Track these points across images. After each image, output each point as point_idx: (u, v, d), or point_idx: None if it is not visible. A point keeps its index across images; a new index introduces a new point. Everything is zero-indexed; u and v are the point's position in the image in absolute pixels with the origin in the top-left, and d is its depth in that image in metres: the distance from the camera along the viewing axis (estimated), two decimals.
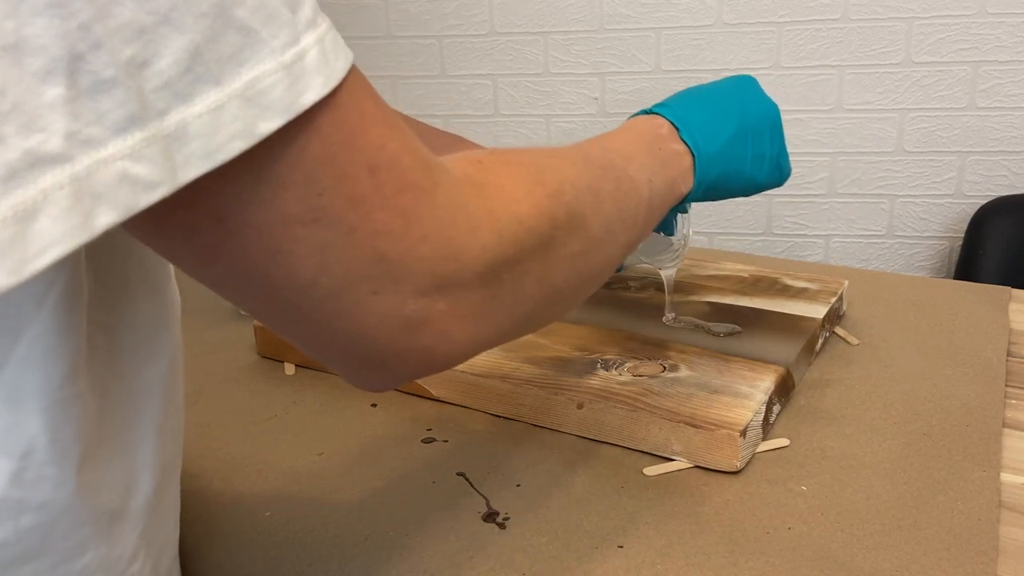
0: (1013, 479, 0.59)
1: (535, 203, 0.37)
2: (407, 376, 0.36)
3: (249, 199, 0.28)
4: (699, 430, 0.60)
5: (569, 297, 0.42)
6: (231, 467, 0.64)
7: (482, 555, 0.53)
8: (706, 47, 1.36)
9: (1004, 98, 1.29)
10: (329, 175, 0.29)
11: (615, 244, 0.45)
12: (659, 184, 0.51)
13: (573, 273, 0.41)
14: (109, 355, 0.38)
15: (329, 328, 0.33)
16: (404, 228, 0.31)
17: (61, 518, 0.36)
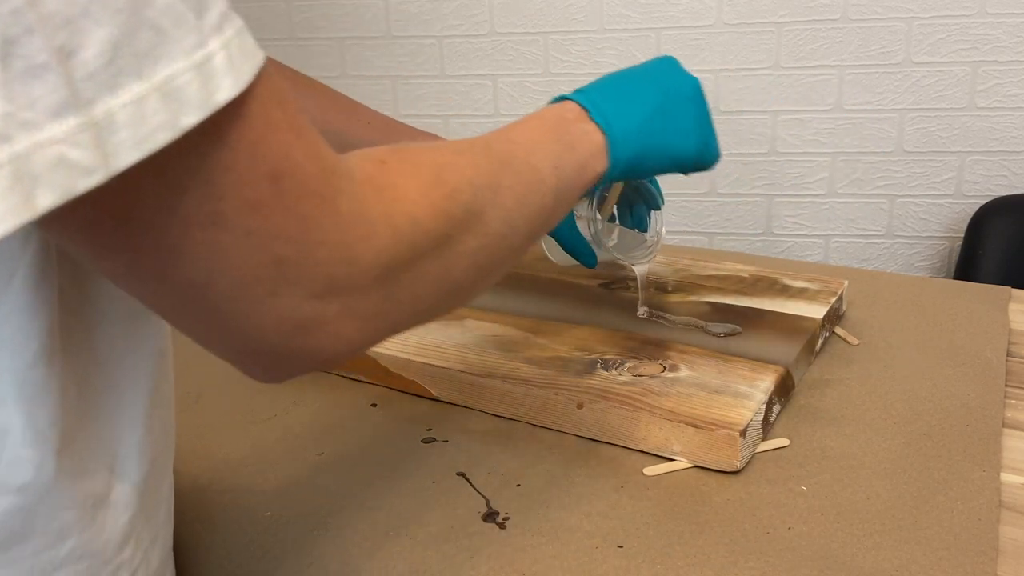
0: (1013, 479, 0.59)
1: (432, 204, 0.38)
2: (298, 372, 0.38)
3: (150, 200, 0.29)
4: (699, 430, 0.60)
5: (469, 290, 0.43)
6: (231, 467, 0.64)
7: (482, 555, 0.53)
8: (706, 47, 1.36)
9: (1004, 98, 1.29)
10: (229, 181, 0.30)
11: (517, 236, 0.45)
12: (567, 168, 0.51)
13: (472, 269, 0.42)
14: (86, 341, 0.39)
15: (224, 327, 0.34)
16: (302, 233, 0.32)
17: (43, 501, 0.36)
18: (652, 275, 0.86)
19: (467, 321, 0.78)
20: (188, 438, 0.68)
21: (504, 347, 0.72)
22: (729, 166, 1.42)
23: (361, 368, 0.74)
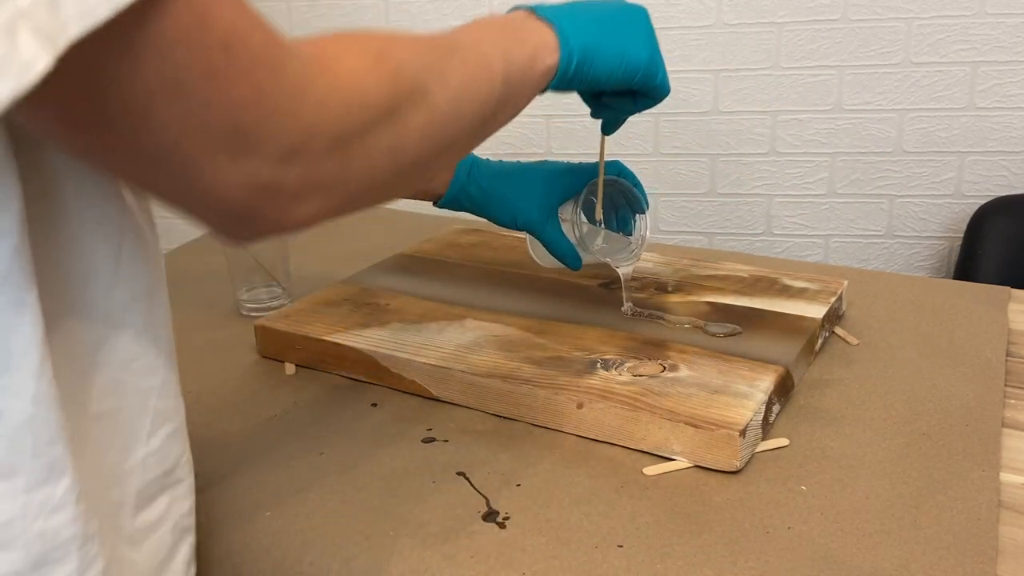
0: (1012, 479, 0.59)
1: (379, 76, 0.40)
2: (263, 234, 0.40)
3: (113, 74, 0.31)
4: (699, 430, 0.60)
5: (422, 166, 0.45)
6: (231, 467, 0.64)
7: (482, 555, 0.53)
8: (706, 47, 1.36)
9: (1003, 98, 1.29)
10: (183, 52, 0.32)
11: (465, 119, 0.47)
12: (517, 59, 0.53)
13: (423, 143, 0.43)
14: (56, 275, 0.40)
15: (191, 189, 0.36)
16: (257, 102, 0.34)
17: (25, 431, 0.36)
18: (652, 275, 0.87)
19: (467, 321, 0.78)
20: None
21: (504, 347, 0.73)
22: (729, 166, 1.42)
23: (361, 368, 0.74)
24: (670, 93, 0.67)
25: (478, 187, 0.77)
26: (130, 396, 0.44)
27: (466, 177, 0.77)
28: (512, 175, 0.78)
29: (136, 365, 0.44)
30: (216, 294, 0.95)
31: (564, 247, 0.76)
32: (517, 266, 0.91)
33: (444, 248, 0.97)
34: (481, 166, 0.78)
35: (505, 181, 0.78)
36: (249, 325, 0.83)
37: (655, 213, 1.48)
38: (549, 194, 0.76)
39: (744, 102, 1.38)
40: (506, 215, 0.77)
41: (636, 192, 0.77)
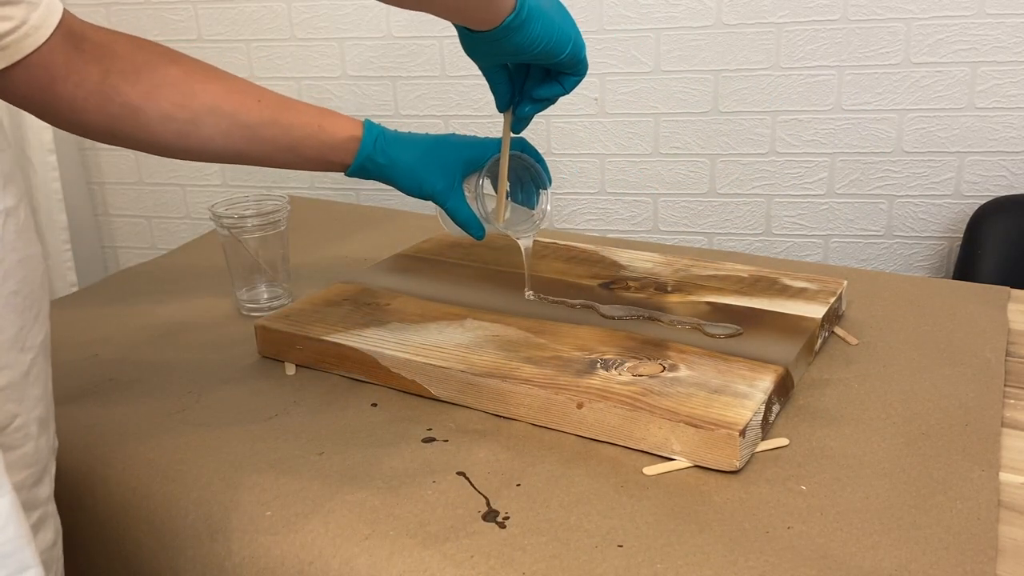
0: (1012, 479, 0.59)
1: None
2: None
3: None
4: (699, 430, 0.60)
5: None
6: (231, 467, 0.64)
7: (482, 555, 0.53)
8: (706, 47, 1.36)
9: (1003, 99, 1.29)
10: None
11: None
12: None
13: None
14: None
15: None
16: None
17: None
18: (652, 275, 0.87)
19: (467, 321, 0.78)
20: (189, 438, 0.68)
21: (504, 347, 0.73)
22: (729, 166, 1.42)
23: (361, 368, 0.75)
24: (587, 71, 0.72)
25: (385, 155, 0.79)
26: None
27: (372, 146, 0.79)
28: (419, 145, 0.81)
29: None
30: (216, 294, 0.96)
31: (467, 216, 0.79)
32: (517, 266, 0.91)
33: (444, 248, 0.97)
34: (388, 136, 0.81)
35: (411, 151, 0.80)
36: (249, 325, 0.83)
37: (655, 213, 1.48)
38: (454, 166, 0.80)
39: (744, 102, 1.38)
40: (412, 184, 0.80)
41: (539, 168, 0.81)
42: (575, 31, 0.69)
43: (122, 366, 0.81)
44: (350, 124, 0.79)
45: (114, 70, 0.69)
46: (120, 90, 0.69)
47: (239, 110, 0.74)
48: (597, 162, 1.47)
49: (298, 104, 0.78)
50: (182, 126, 0.72)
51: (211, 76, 0.74)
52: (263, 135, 0.75)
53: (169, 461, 0.65)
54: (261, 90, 0.77)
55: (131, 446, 0.67)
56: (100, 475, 0.65)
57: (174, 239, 1.71)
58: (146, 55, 0.71)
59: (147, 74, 0.71)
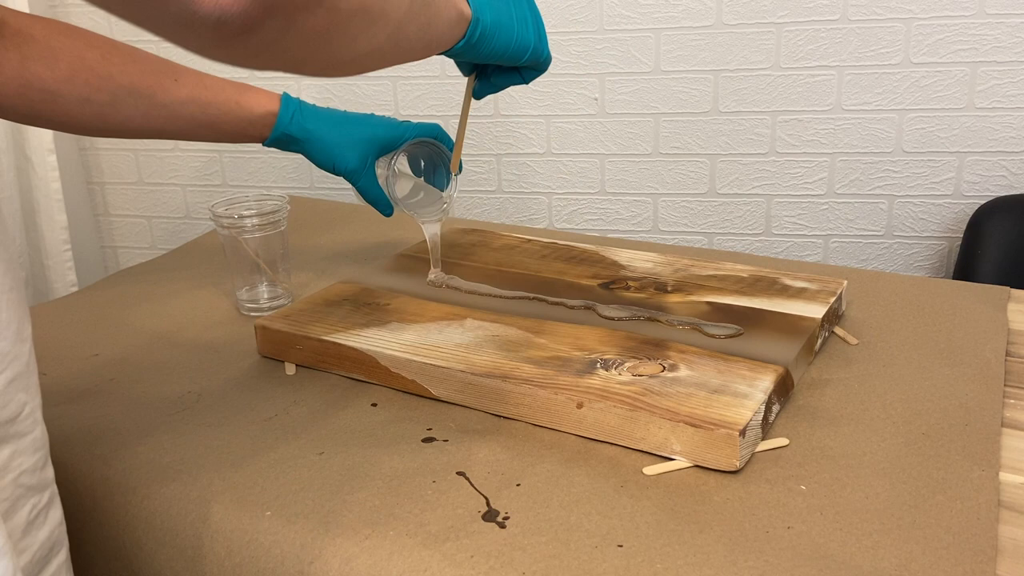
0: (1012, 479, 0.59)
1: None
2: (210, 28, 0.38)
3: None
4: (698, 430, 0.60)
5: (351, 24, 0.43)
6: (231, 467, 0.64)
7: (482, 555, 0.53)
8: (705, 48, 1.36)
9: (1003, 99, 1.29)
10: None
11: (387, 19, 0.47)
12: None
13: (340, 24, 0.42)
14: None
15: None
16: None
17: None
18: (652, 275, 0.87)
19: (467, 321, 0.78)
20: (188, 438, 0.68)
21: (504, 347, 0.73)
22: (729, 166, 1.42)
23: (361, 368, 0.75)
24: (550, 62, 0.73)
25: (300, 128, 0.81)
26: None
27: (289, 121, 0.81)
28: (336, 122, 0.84)
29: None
30: (216, 294, 0.96)
31: (376, 195, 0.84)
32: (517, 266, 0.91)
33: (444, 248, 0.97)
34: (306, 109, 0.83)
35: (328, 126, 0.83)
36: (249, 325, 0.83)
37: (655, 213, 1.48)
38: (369, 145, 0.83)
39: (744, 102, 1.38)
40: (326, 159, 0.84)
41: (449, 155, 0.85)
42: (533, 37, 0.69)
43: (122, 366, 0.81)
44: (267, 99, 0.81)
45: (32, 55, 0.70)
46: (38, 75, 0.70)
47: (156, 91, 0.75)
48: (597, 162, 1.47)
49: (216, 82, 0.80)
50: (100, 108, 0.73)
51: (128, 58, 0.75)
52: (181, 113, 0.77)
53: (169, 461, 0.65)
54: (178, 69, 0.78)
55: (131, 446, 0.67)
56: (100, 475, 0.65)
57: (174, 239, 1.71)
58: (63, 40, 0.72)
59: (64, 59, 0.71)
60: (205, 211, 0.88)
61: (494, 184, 1.50)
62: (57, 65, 0.70)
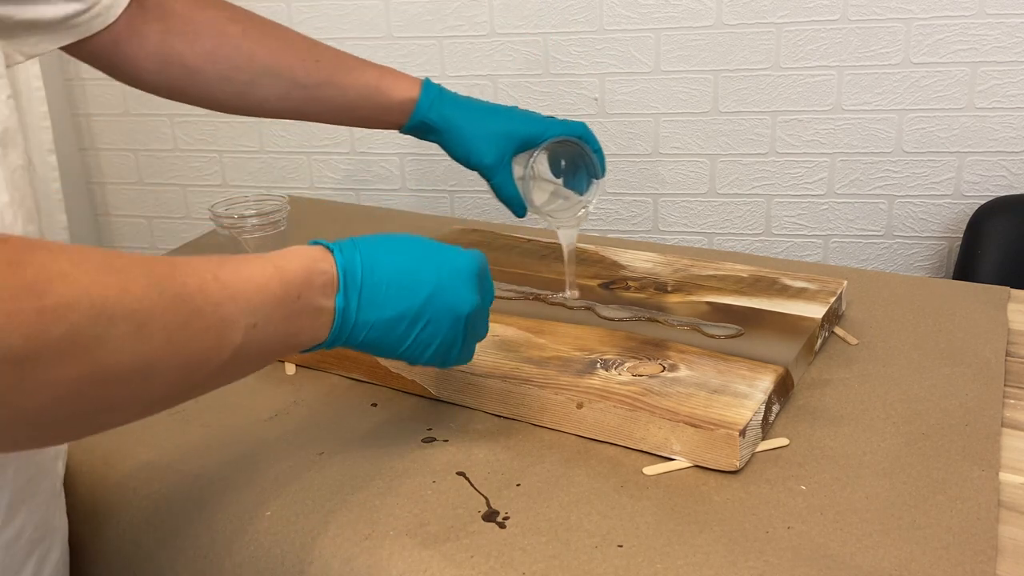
0: (1012, 479, 0.59)
1: (16, 313, 0.33)
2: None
3: None
4: (698, 430, 0.60)
5: (60, 424, 0.38)
6: (231, 467, 0.64)
7: (482, 555, 0.53)
8: (705, 48, 1.36)
9: (1003, 99, 1.29)
10: None
11: (156, 382, 0.40)
12: (269, 332, 0.46)
13: (69, 401, 0.36)
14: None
15: None
16: None
17: None
18: (652, 275, 0.86)
19: None
20: (189, 438, 0.68)
21: (504, 347, 0.73)
22: (729, 166, 1.42)
23: (361, 368, 0.74)
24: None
25: (440, 116, 0.77)
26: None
27: (429, 106, 0.77)
28: (477, 112, 0.78)
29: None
30: None
31: (509, 195, 0.78)
32: (517, 266, 0.91)
33: None
34: (447, 96, 0.79)
35: (468, 116, 0.78)
36: None
37: (655, 213, 1.48)
38: (508, 140, 0.77)
39: (744, 102, 1.38)
40: (461, 151, 0.78)
41: (595, 158, 0.80)
42: (433, 353, 0.56)
43: None
44: (408, 84, 0.77)
45: (173, 30, 0.69)
46: (178, 51, 0.69)
47: (296, 72, 0.73)
48: None
49: (357, 64, 0.77)
50: (239, 87, 0.72)
51: (269, 34, 0.74)
52: (319, 96, 0.75)
53: (169, 461, 0.65)
54: (320, 49, 0.75)
55: (131, 446, 0.67)
56: (100, 475, 0.65)
57: (174, 239, 1.71)
58: (204, 13, 0.71)
59: (205, 34, 0.70)
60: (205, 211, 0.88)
61: None
62: (198, 41, 0.69)
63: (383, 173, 1.56)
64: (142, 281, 0.38)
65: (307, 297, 0.49)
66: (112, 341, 0.36)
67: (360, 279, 0.51)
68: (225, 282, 0.43)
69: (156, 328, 0.38)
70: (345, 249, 0.52)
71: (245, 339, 0.44)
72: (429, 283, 0.54)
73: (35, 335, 0.33)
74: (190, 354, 0.41)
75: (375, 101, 0.76)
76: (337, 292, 0.51)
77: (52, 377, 0.35)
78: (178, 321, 0.40)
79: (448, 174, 1.50)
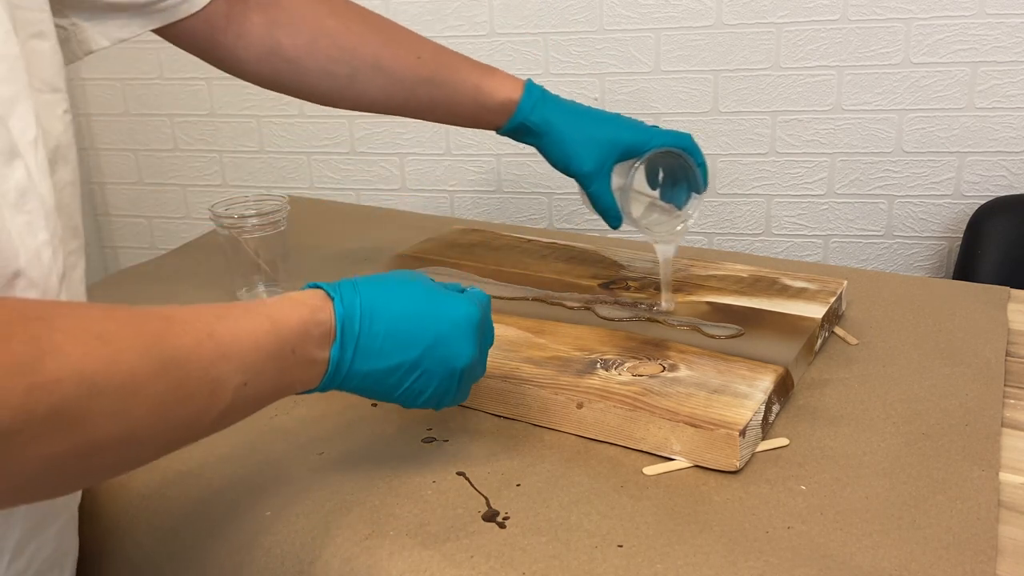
0: (1012, 479, 0.59)
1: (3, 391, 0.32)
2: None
3: None
4: (698, 430, 0.60)
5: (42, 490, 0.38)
6: (231, 467, 0.64)
7: (482, 555, 0.53)
8: (705, 48, 1.36)
9: (1003, 99, 1.29)
10: None
11: (141, 448, 0.40)
12: (260, 387, 0.46)
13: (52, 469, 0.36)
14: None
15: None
16: None
17: None
18: (652, 275, 0.86)
19: None
20: None
21: (504, 347, 0.73)
22: (729, 166, 1.42)
23: None
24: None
25: (542, 119, 0.75)
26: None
27: (531, 107, 0.75)
28: (579, 117, 0.76)
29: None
30: (216, 294, 0.95)
31: (607, 205, 0.75)
32: (517, 266, 0.91)
33: (444, 248, 0.97)
34: (549, 99, 0.76)
35: (569, 121, 0.76)
36: None
37: None
38: (610, 148, 0.75)
39: (744, 102, 1.38)
40: (561, 156, 0.76)
41: (698, 171, 0.77)
42: (424, 400, 0.56)
43: None
44: (510, 85, 0.75)
45: (277, 22, 0.69)
46: (281, 43, 0.69)
47: (398, 67, 0.73)
48: None
49: (458, 61, 0.75)
50: (341, 81, 0.72)
51: (372, 28, 0.73)
52: (420, 93, 0.74)
53: (169, 462, 0.65)
54: (421, 44, 0.74)
55: None
56: None
57: (174, 239, 1.71)
58: (307, 5, 0.70)
59: (307, 26, 0.70)
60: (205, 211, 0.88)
61: (494, 184, 1.50)
62: (300, 33, 0.69)
63: (383, 173, 1.56)
64: (134, 348, 0.38)
65: (302, 350, 0.48)
66: (98, 415, 0.36)
67: (358, 329, 0.50)
68: (220, 340, 0.43)
69: (144, 398, 0.38)
70: (346, 296, 0.51)
71: (235, 397, 0.44)
72: (428, 336, 0.53)
73: (21, 411, 0.33)
74: (177, 419, 0.41)
75: (477, 101, 0.75)
76: (333, 342, 0.50)
77: (36, 451, 0.34)
78: (167, 388, 0.39)
79: (448, 174, 1.50)
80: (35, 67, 0.49)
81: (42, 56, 0.50)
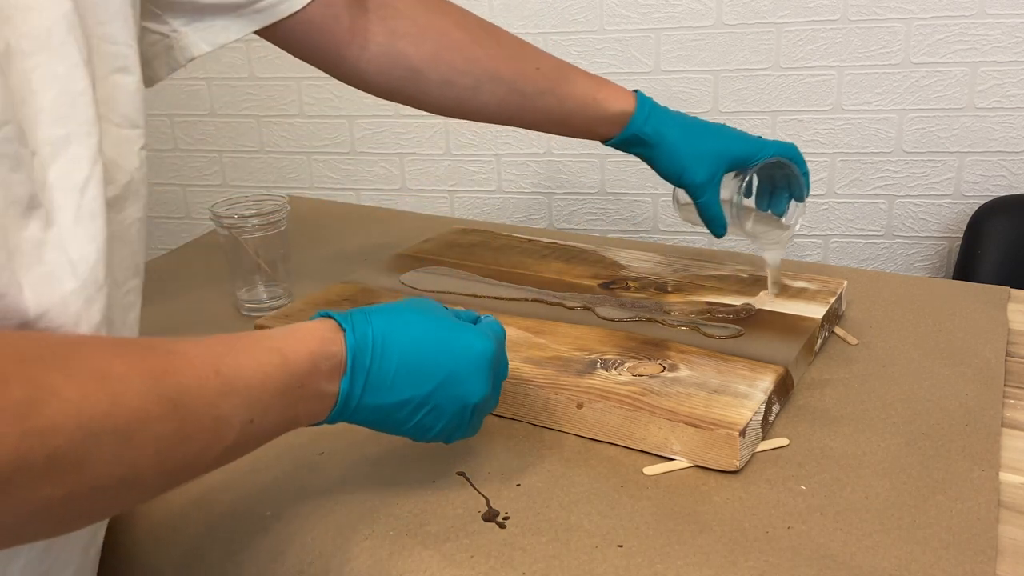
0: (1012, 479, 0.59)
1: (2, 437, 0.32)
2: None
3: None
4: (699, 430, 0.60)
5: (39, 532, 0.37)
6: (231, 467, 0.64)
7: (482, 555, 0.53)
8: (706, 48, 1.36)
9: (1003, 99, 1.29)
10: None
11: (140, 489, 0.39)
12: (266, 423, 0.45)
13: (48, 513, 0.35)
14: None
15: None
16: None
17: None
18: (652, 275, 0.86)
19: None
20: None
21: None
22: None
23: None
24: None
25: (655, 131, 0.76)
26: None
27: (644, 119, 0.76)
28: (689, 129, 0.77)
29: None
30: (216, 294, 0.95)
31: (714, 214, 0.77)
32: (517, 266, 0.91)
33: (444, 248, 0.97)
34: (659, 110, 0.77)
35: (680, 133, 0.77)
36: (249, 325, 0.83)
37: (655, 213, 1.48)
38: (720, 160, 0.76)
39: (744, 102, 1.38)
40: (673, 168, 0.77)
41: (802, 180, 0.79)
42: (433, 435, 0.54)
43: None
44: (624, 97, 0.76)
45: (400, 31, 0.69)
46: (404, 54, 0.69)
47: (518, 79, 0.73)
48: (597, 162, 1.47)
49: (574, 73, 0.76)
50: (461, 92, 0.72)
51: (492, 39, 0.73)
52: (537, 105, 0.74)
53: None
54: (539, 56, 0.75)
55: None
56: None
57: (174, 239, 1.71)
58: (429, 16, 0.70)
59: (431, 37, 0.70)
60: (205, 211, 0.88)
61: (494, 184, 1.50)
62: (423, 43, 0.69)
63: (383, 173, 1.56)
64: (136, 388, 0.37)
65: (311, 385, 0.47)
66: (97, 459, 0.35)
67: (369, 363, 0.49)
68: (226, 377, 0.42)
69: (146, 439, 0.37)
70: (358, 327, 0.50)
71: (240, 435, 0.43)
72: (441, 371, 0.52)
73: (15, 457, 0.32)
74: (179, 458, 0.40)
75: (591, 112, 0.75)
76: (343, 375, 0.49)
77: (30, 495, 0.33)
78: (170, 429, 0.38)
79: (448, 174, 1.50)
80: (116, 102, 0.48)
81: (124, 91, 0.49)
